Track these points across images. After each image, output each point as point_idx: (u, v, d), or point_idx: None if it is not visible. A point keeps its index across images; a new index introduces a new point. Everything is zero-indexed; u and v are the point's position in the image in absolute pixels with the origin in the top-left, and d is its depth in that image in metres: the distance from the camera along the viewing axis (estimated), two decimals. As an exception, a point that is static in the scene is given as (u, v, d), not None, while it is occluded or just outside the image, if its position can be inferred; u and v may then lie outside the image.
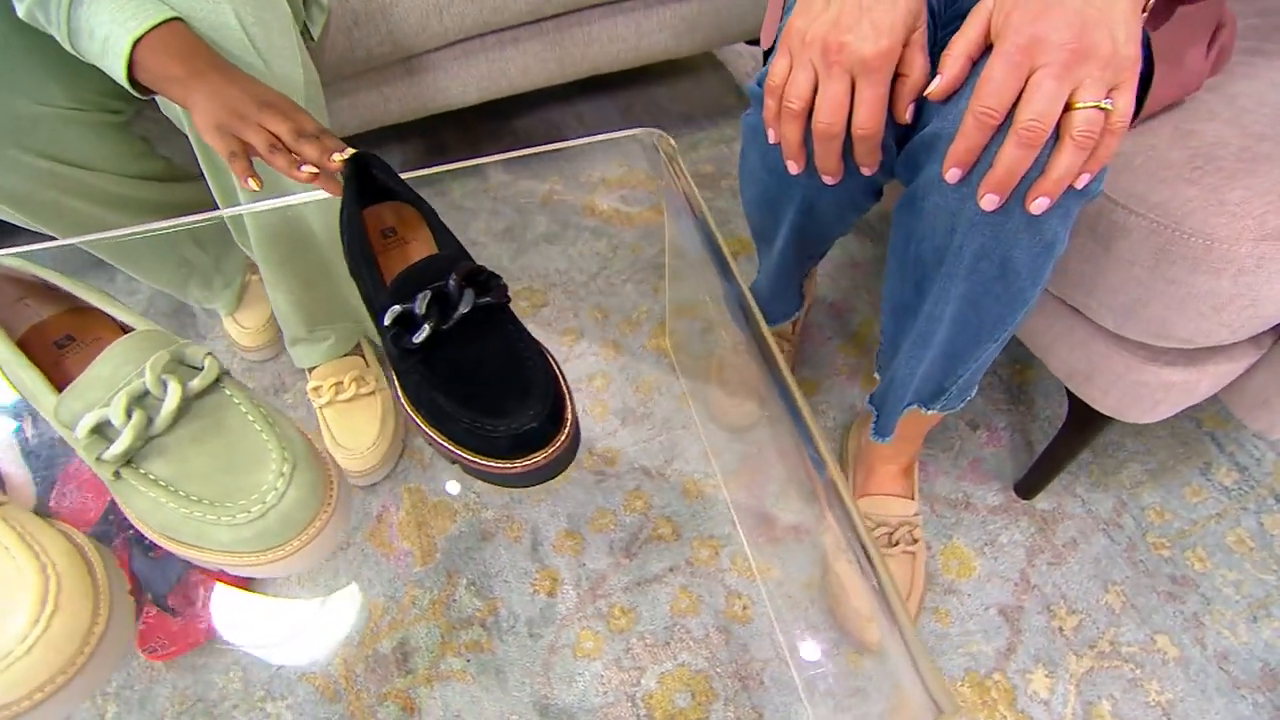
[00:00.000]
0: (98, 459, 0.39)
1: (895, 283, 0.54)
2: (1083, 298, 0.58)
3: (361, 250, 0.49)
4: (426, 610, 0.74)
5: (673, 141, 0.66)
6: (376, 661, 0.72)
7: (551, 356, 0.48)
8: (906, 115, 0.47)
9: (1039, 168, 0.40)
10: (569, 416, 0.44)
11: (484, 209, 1.14)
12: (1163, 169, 0.52)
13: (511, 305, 0.47)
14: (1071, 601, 0.74)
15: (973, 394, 0.61)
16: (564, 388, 0.46)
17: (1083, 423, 0.69)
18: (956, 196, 0.43)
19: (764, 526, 0.79)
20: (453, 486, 0.84)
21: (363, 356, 0.86)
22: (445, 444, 0.44)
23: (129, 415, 0.39)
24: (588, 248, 1.07)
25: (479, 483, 0.82)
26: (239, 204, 0.66)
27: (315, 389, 0.82)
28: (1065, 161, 0.39)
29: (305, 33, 0.80)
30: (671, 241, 0.83)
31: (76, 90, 0.64)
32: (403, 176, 0.55)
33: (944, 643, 0.71)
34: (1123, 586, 0.74)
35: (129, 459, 0.40)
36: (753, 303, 0.56)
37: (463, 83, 0.96)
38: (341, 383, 0.81)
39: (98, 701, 0.70)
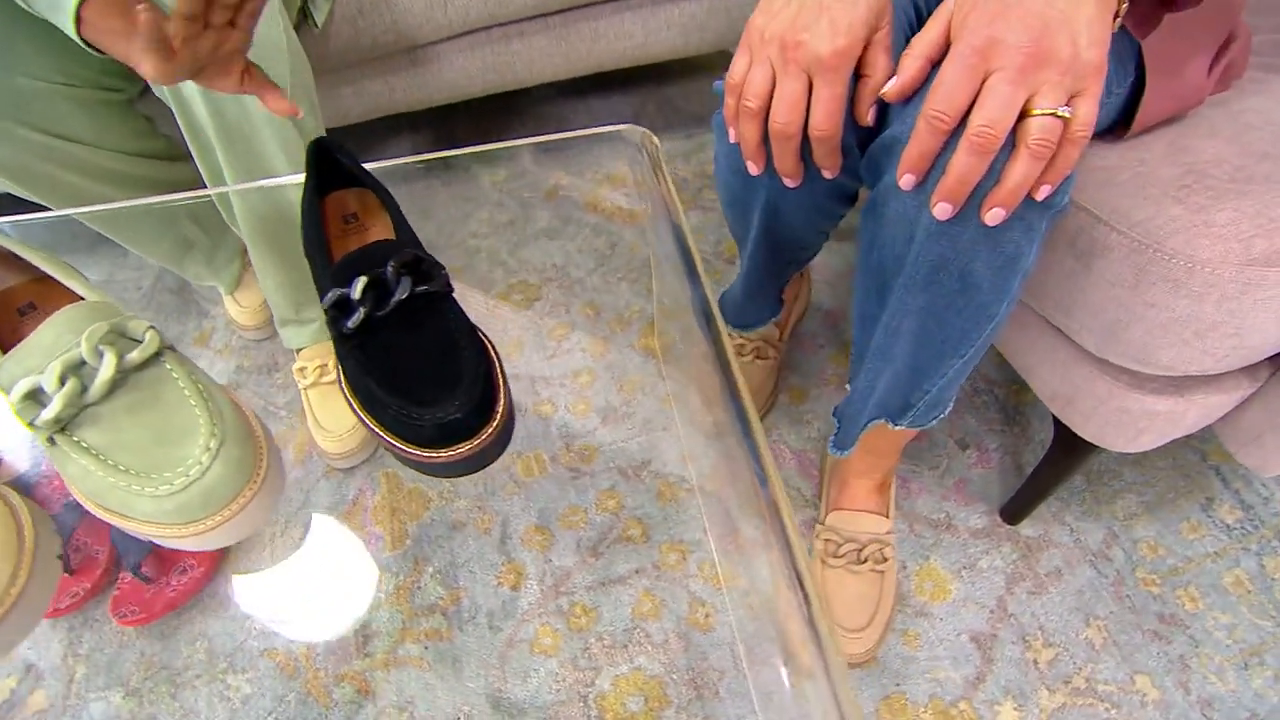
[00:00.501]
0: (30, 424, 0.40)
1: (861, 292, 0.53)
2: (1063, 318, 0.56)
3: (315, 234, 0.49)
4: (391, 595, 0.75)
5: (657, 141, 0.65)
6: (337, 642, 0.72)
7: (492, 349, 0.47)
8: (868, 117, 0.45)
9: (994, 176, 0.38)
10: (500, 410, 0.44)
11: (489, 200, 1.15)
12: (1149, 185, 0.49)
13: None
14: (1049, 633, 0.71)
15: (945, 411, 0.59)
16: (499, 380, 0.45)
17: (1068, 448, 0.66)
18: (914, 204, 0.42)
19: (733, 535, 0.77)
20: (428, 477, 0.84)
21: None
22: (377, 430, 0.44)
23: (62, 383, 0.40)
24: (587, 244, 1.07)
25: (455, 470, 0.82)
26: (225, 184, 0.67)
27: (300, 370, 0.83)
28: (1020, 171, 0.37)
29: (309, 19, 0.81)
30: (657, 241, 0.82)
31: (72, 67, 0.66)
32: (372, 166, 0.55)
33: (910, 666, 0.69)
34: (1106, 622, 0.71)
35: (62, 426, 0.41)
36: (715, 309, 0.55)
37: (468, 74, 0.97)
38: (326, 365, 0.82)
39: (69, 662, 0.72)
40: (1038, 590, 0.73)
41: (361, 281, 0.43)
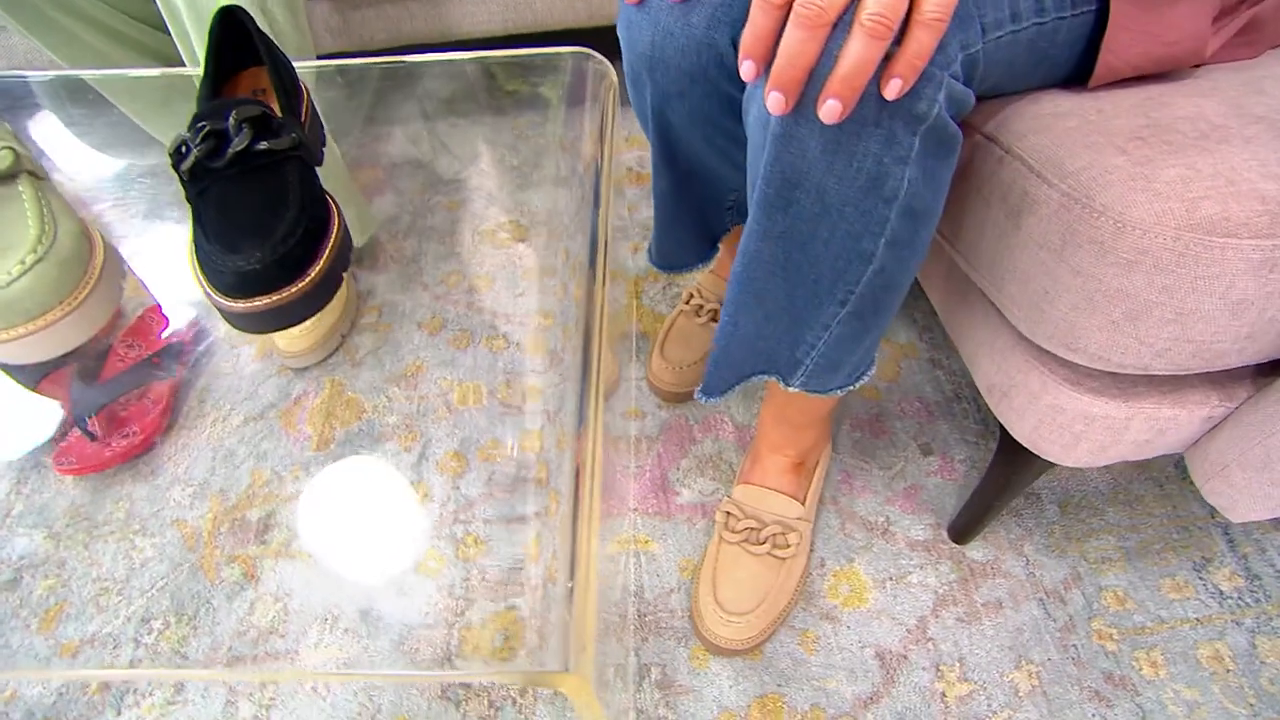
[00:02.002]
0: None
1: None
2: (995, 289, 0.48)
3: (209, 93, 0.50)
4: (300, 492, 0.75)
5: (606, 63, 0.62)
6: (241, 525, 0.74)
7: (340, 220, 0.46)
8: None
9: (830, 60, 0.32)
10: (311, 275, 0.42)
11: (506, 145, 1.14)
12: (1096, 134, 0.41)
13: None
14: (969, 668, 0.62)
15: (852, 382, 0.53)
16: (325, 250, 0.43)
17: (1008, 457, 0.57)
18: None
19: (659, 498, 0.73)
20: (369, 388, 0.84)
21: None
22: (196, 275, 0.43)
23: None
24: (587, 196, 1.04)
25: (393, 389, 0.82)
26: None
27: (268, 266, 0.85)
28: (854, 52, 0.31)
29: None
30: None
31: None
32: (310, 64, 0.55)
33: (799, 670, 0.62)
34: (1040, 668, 0.62)
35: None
36: (602, 245, 0.52)
37: (488, 11, 0.96)
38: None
39: (10, 498, 0.77)
40: (969, 619, 0.65)
41: (204, 129, 0.43)
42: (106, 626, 0.68)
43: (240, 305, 0.41)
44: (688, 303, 0.82)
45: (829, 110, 0.33)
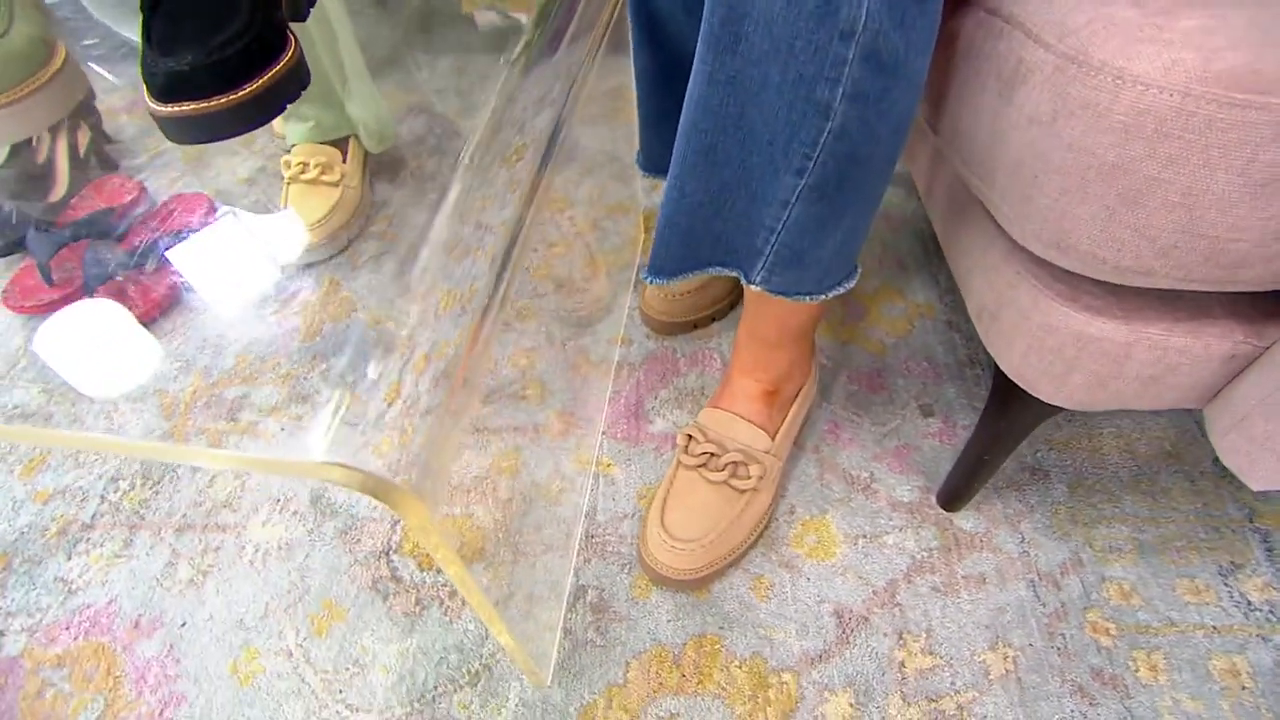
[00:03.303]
0: None
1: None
2: (986, 185, 0.42)
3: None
4: (280, 377, 0.75)
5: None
6: (217, 402, 0.74)
7: (299, 58, 0.45)
8: None
9: None
10: (248, 90, 0.41)
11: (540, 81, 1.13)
12: (1113, -10, 0.36)
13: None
14: (936, 641, 0.56)
15: (829, 290, 0.48)
16: (273, 72, 0.42)
17: (1001, 400, 0.51)
18: None
19: (631, 425, 0.69)
20: (367, 290, 0.84)
21: (344, 153, 0.89)
22: (142, 83, 0.43)
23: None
24: (620, 133, 1.01)
25: (389, 291, 0.82)
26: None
27: (286, 162, 0.86)
28: None
29: None
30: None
31: None
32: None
33: (746, 615, 0.57)
34: (1018, 653, 0.55)
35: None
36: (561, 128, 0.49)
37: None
38: (308, 164, 0.85)
39: (18, 354, 0.80)
40: (945, 589, 0.58)
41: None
42: (79, 481, 0.69)
43: (167, 109, 0.40)
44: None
45: None
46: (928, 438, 0.67)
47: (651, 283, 0.48)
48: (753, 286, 0.47)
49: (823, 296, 0.48)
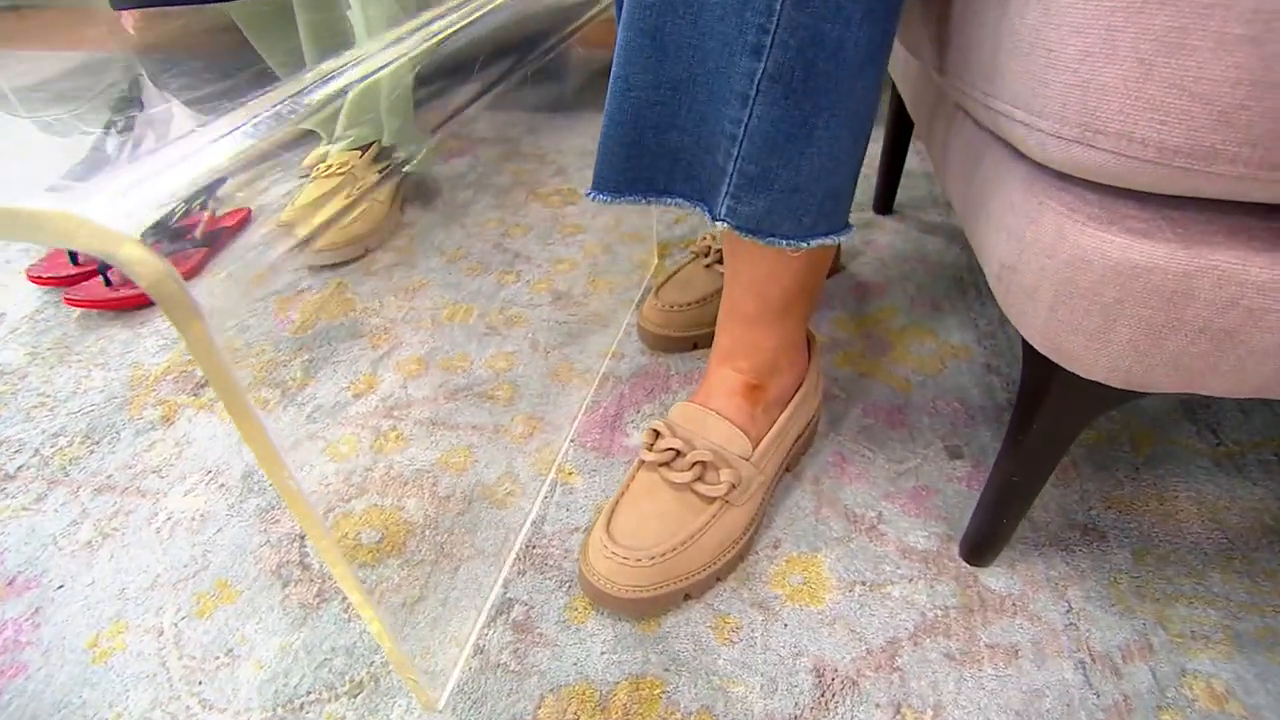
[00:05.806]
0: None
1: None
2: (996, 98, 0.35)
3: None
4: (261, 365, 0.72)
5: None
6: (185, 377, 0.71)
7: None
8: None
9: None
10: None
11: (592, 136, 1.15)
12: None
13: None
14: (946, 722, 0.42)
15: (811, 238, 0.41)
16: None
17: (1034, 388, 0.41)
18: None
19: (605, 435, 0.61)
20: (369, 293, 0.81)
21: (372, 158, 0.90)
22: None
23: None
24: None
25: (390, 297, 0.80)
26: None
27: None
28: None
29: None
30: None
31: None
32: None
33: (700, 657, 0.45)
34: (1059, 753, 0.40)
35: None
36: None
37: None
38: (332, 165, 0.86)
39: (18, 320, 0.81)
40: (963, 659, 0.45)
41: None
42: (22, 434, 0.66)
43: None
44: (699, 247, 0.73)
45: None
46: (953, 481, 0.55)
47: (594, 199, 0.42)
48: (718, 223, 0.40)
49: (805, 244, 0.41)
